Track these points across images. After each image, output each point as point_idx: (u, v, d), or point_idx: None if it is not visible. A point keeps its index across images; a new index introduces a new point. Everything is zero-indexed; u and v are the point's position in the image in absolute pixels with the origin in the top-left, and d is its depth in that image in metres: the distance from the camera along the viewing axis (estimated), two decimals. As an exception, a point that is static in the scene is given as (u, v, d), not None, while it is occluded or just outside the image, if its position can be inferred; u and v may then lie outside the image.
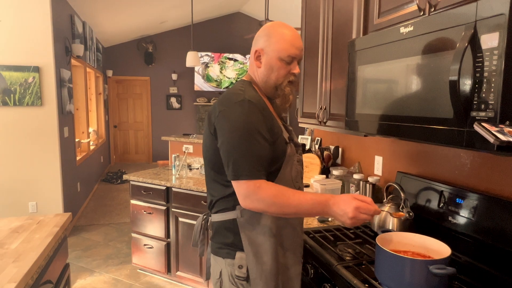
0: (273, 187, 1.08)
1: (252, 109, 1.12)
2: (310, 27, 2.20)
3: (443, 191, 1.47)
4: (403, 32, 1.20)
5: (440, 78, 1.05)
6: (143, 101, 8.34)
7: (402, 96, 1.22)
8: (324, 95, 2.01)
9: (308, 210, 1.07)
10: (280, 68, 1.22)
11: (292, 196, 1.07)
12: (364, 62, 1.44)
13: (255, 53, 1.24)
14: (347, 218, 1.02)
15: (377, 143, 2.05)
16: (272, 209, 1.08)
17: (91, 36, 5.85)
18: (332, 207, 1.05)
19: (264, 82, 1.25)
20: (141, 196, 2.92)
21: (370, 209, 1.03)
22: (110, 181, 6.58)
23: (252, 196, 1.08)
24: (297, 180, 1.27)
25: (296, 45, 1.22)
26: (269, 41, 1.22)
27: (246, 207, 1.10)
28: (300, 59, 1.25)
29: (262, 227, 1.18)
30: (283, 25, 1.25)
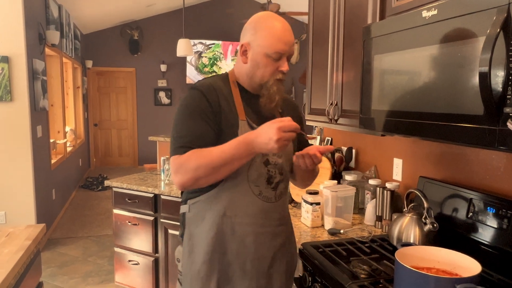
0: (192, 152, 1.20)
1: (195, 94, 1.26)
2: (318, 10, 2.20)
3: (472, 198, 1.47)
4: (425, 16, 1.20)
5: (468, 69, 1.05)
6: (127, 95, 8.36)
7: (424, 90, 1.22)
8: (335, 89, 2.01)
9: (234, 154, 1.17)
10: (266, 65, 1.27)
11: (214, 149, 1.18)
12: (381, 50, 1.44)
13: (241, 48, 1.31)
14: (273, 142, 1.11)
15: (396, 144, 2.05)
16: (201, 172, 1.18)
17: (68, 21, 5.87)
18: (256, 140, 1.14)
19: (249, 78, 1.32)
20: (125, 204, 2.93)
21: (291, 125, 1.12)
22: (89, 188, 6.59)
23: (179, 170, 1.20)
24: (258, 184, 1.30)
25: (284, 40, 1.25)
26: (256, 35, 1.27)
27: (178, 184, 1.22)
28: (289, 55, 1.29)
29: (204, 226, 1.30)
30: (272, 17, 1.29)
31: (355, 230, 1.82)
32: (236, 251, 1.31)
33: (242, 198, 1.30)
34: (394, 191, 1.84)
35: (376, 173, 2.20)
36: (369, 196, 2.01)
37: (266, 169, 1.32)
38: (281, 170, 1.36)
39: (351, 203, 1.89)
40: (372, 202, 1.93)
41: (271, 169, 1.33)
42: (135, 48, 8.04)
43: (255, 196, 1.31)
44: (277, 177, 1.35)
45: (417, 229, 1.49)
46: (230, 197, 1.30)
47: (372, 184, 1.99)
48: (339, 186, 1.97)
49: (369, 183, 2.01)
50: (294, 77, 8.91)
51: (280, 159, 1.35)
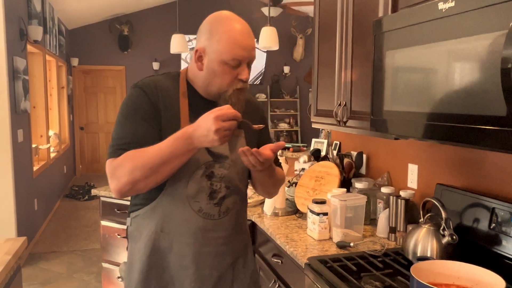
0: (127, 154, 1.19)
1: (135, 93, 1.27)
2: (325, 3, 2.21)
3: (495, 208, 1.46)
4: (442, 9, 1.20)
5: (489, 66, 1.05)
6: (116, 96, 8.38)
7: (442, 89, 1.22)
8: (344, 88, 2.01)
9: (173, 151, 1.16)
10: (224, 72, 1.25)
11: (151, 148, 1.18)
12: (394, 46, 1.44)
13: (195, 53, 1.28)
14: (212, 133, 1.10)
15: (410, 148, 2.05)
16: (137, 174, 1.17)
17: (52, 15, 5.90)
18: (194, 133, 1.14)
19: (206, 86, 1.30)
20: (115, 216, 2.92)
21: (229, 113, 1.11)
22: (75, 197, 6.59)
23: (114, 175, 1.20)
24: (198, 199, 1.29)
25: (243, 44, 1.23)
26: (211, 40, 1.25)
27: (115, 190, 1.20)
28: (250, 61, 1.27)
29: (141, 242, 1.32)
30: (228, 18, 1.27)
31: (367, 243, 1.82)
32: (175, 269, 1.32)
33: (179, 215, 1.30)
34: (409, 199, 1.84)
35: (389, 180, 2.20)
36: (381, 205, 2.00)
37: (209, 182, 1.30)
38: (228, 184, 1.34)
39: (361, 213, 1.89)
40: (385, 212, 1.93)
41: (215, 182, 1.31)
42: (125, 45, 8.07)
43: (194, 212, 1.30)
44: (222, 191, 1.33)
45: (435, 242, 1.49)
46: (167, 212, 1.30)
47: (385, 193, 1.99)
48: (348, 194, 1.97)
49: (382, 191, 2.01)
50: (299, 75, 8.94)
51: (227, 171, 1.33)
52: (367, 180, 2.21)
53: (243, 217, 1.46)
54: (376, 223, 2.00)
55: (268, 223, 2.12)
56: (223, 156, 1.32)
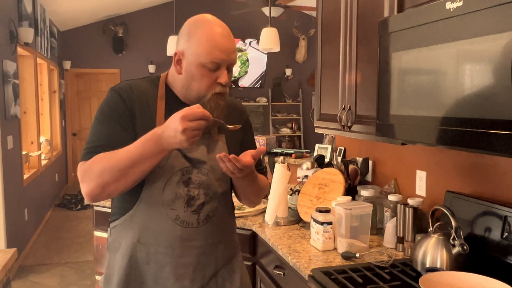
0: (97, 156, 1.21)
1: (111, 96, 1.30)
2: (328, 3, 2.22)
3: (507, 216, 1.46)
4: (449, 8, 1.21)
5: (501, 67, 1.06)
6: (111, 100, 8.40)
7: (451, 92, 1.23)
8: (348, 91, 2.01)
9: (142, 152, 1.17)
10: (202, 76, 1.26)
11: (120, 150, 1.19)
12: (400, 47, 1.45)
13: (174, 56, 1.30)
14: (179, 134, 1.10)
15: (419, 154, 2.05)
16: (106, 177, 1.18)
17: (43, 17, 5.93)
18: (163, 134, 1.14)
19: (185, 89, 1.31)
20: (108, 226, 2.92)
21: (197, 112, 1.11)
22: (67, 207, 6.59)
23: (84, 178, 1.22)
24: (175, 207, 1.30)
25: (222, 47, 1.24)
26: (189, 43, 1.27)
27: (85, 194, 1.22)
28: (230, 65, 1.28)
29: (119, 253, 1.34)
30: (207, 20, 1.28)
31: (373, 253, 1.81)
32: (154, 282, 1.32)
33: (156, 223, 1.30)
34: (418, 208, 1.83)
35: (397, 188, 2.20)
36: (388, 214, 2.00)
37: (186, 189, 1.31)
38: (207, 190, 1.34)
39: (368, 222, 1.89)
40: (392, 221, 1.92)
41: (193, 189, 1.32)
42: (119, 47, 8.10)
43: (171, 220, 1.30)
44: (200, 198, 1.33)
45: (445, 252, 1.48)
46: (144, 221, 1.31)
47: (392, 200, 1.99)
48: (354, 203, 1.97)
49: (389, 199, 2.00)
50: (301, 78, 8.95)
51: (205, 177, 1.33)
52: (373, 187, 2.21)
53: (229, 226, 1.45)
54: (383, 233, 2.00)
55: (269, 233, 2.12)
56: (201, 161, 1.33)
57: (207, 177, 1.34)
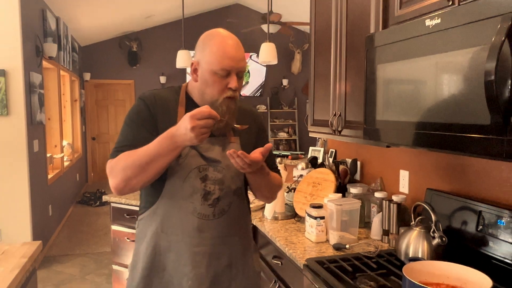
0: (123, 154, 1.25)
1: (137, 103, 1.35)
2: (320, 19, 2.23)
3: (481, 211, 1.46)
4: (429, 25, 1.21)
5: (473, 78, 1.06)
6: (126, 108, 8.40)
7: (430, 99, 1.23)
8: (339, 99, 2.02)
9: (158, 149, 1.20)
10: (214, 82, 1.29)
11: (140, 149, 1.23)
12: (385, 60, 1.45)
13: (191, 66, 1.34)
14: (189, 131, 1.12)
15: (402, 155, 2.05)
16: (129, 172, 1.22)
17: (65, 33, 5.94)
18: (176, 133, 1.17)
19: (201, 95, 1.34)
20: (124, 220, 2.92)
21: (203, 111, 1.13)
22: (87, 203, 6.58)
23: (111, 173, 1.26)
24: (193, 201, 1.31)
25: (230, 55, 1.27)
26: (203, 53, 1.30)
27: (112, 188, 1.27)
28: (239, 71, 1.29)
29: (145, 243, 1.36)
30: (219, 33, 1.31)
31: (361, 244, 1.81)
32: (174, 269, 1.34)
33: (176, 215, 1.33)
34: (401, 204, 1.83)
35: (382, 186, 2.20)
36: (375, 209, 2.00)
37: (203, 184, 1.32)
38: (222, 186, 1.35)
39: (356, 217, 1.88)
40: (378, 215, 1.92)
41: (209, 184, 1.33)
42: (133, 60, 8.11)
43: (190, 213, 1.32)
44: (215, 193, 1.34)
45: (425, 243, 1.48)
46: (166, 213, 1.33)
47: (378, 197, 1.99)
48: (344, 199, 1.97)
49: (375, 196, 2.01)
50: (297, 88, 8.96)
51: (221, 174, 1.34)
52: (361, 185, 2.21)
53: (243, 220, 1.45)
54: (370, 226, 2.00)
55: (268, 227, 2.12)
56: (216, 160, 1.34)
57: (222, 174, 1.35)
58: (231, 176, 1.37)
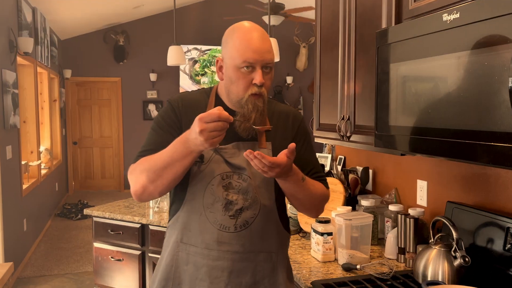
0: (141, 160, 1.33)
1: (165, 107, 1.43)
2: (327, 13, 2.23)
3: (510, 227, 1.45)
4: (446, 20, 1.21)
5: (498, 80, 1.05)
6: (112, 109, 8.43)
7: (450, 104, 1.23)
8: (347, 101, 2.02)
9: (173, 154, 1.24)
10: (238, 78, 1.31)
11: (156, 155, 1.29)
12: (398, 58, 1.45)
13: (217, 63, 1.39)
14: (198, 135, 1.15)
15: (419, 164, 2.04)
16: (145, 177, 1.28)
17: (43, 26, 5.96)
18: (189, 136, 1.20)
19: (228, 95, 1.38)
20: (108, 237, 2.92)
21: (212, 113, 1.14)
22: (67, 216, 6.58)
23: (131, 178, 1.33)
24: (213, 210, 1.34)
25: (253, 47, 1.28)
26: (226, 48, 1.34)
27: (132, 193, 1.34)
28: (265, 65, 1.29)
29: (165, 252, 1.44)
30: (243, 25, 1.33)
31: (374, 265, 1.80)
32: (191, 282, 1.37)
33: (196, 225, 1.36)
34: (419, 218, 1.83)
35: (397, 198, 2.19)
36: (389, 224, 1.99)
37: (225, 193, 1.34)
38: (246, 196, 1.35)
39: (368, 233, 1.88)
40: (393, 231, 1.92)
41: (232, 194, 1.34)
42: (120, 55, 8.13)
43: (210, 223, 1.35)
44: (238, 203, 1.34)
45: (446, 264, 1.47)
46: (186, 222, 1.38)
47: (393, 211, 1.98)
48: (354, 213, 1.96)
49: (389, 209, 2.00)
50: (302, 86, 8.97)
51: (245, 183, 1.35)
52: (374, 197, 2.21)
53: (273, 235, 1.42)
54: (384, 243, 1.99)
55: (269, 244, 2.11)
56: (241, 167, 1.35)
57: (247, 183, 1.35)
58: (258, 185, 1.37)
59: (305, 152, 1.46)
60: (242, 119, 1.31)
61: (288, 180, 1.29)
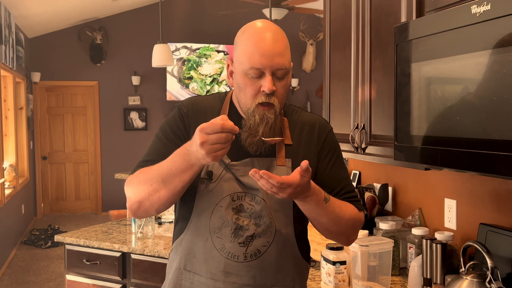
0: (139, 171, 1.36)
1: (174, 113, 1.46)
2: (337, 4, 2.25)
3: (552, 254, 1.45)
4: (476, 13, 1.22)
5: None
6: (87, 118, 8.44)
7: (484, 109, 1.23)
8: (362, 107, 2.02)
9: (171, 167, 1.26)
10: (246, 85, 1.33)
11: (154, 166, 1.31)
12: (421, 57, 1.46)
13: (227, 68, 1.42)
14: (198, 147, 1.15)
15: (447, 179, 2.04)
16: (141, 191, 1.31)
17: (7, 22, 6.00)
18: (190, 148, 1.21)
19: (238, 102, 1.41)
20: (83, 267, 2.90)
21: (214, 124, 1.14)
22: (35, 244, 6.55)
23: (126, 191, 1.36)
24: (221, 236, 1.34)
25: (262, 50, 1.28)
26: (236, 51, 1.37)
27: (128, 208, 1.36)
28: (275, 69, 1.29)
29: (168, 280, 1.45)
30: (253, 25, 1.35)
31: (395, 299, 1.80)
32: None
33: (201, 251, 1.37)
34: (447, 243, 1.83)
35: (422, 220, 2.19)
36: (413, 251, 1.99)
37: (235, 217, 1.34)
38: (259, 221, 1.34)
39: (388, 261, 1.88)
40: (417, 259, 1.91)
41: (243, 218, 1.34)
42: (97, 55, 8.17)
43: (216, 250, 1.35)
44: (249, 229, 1.34)
45: (479, 297, 1.47)
46: (191, 247, 1.39)
47: (417, 235, 1.98)
48: (371, 238, 1.96)
49: (413, 233, 2.00)
50: (310, 89, 9.00)
51: (258, 206, 1.34)
52: (394, 219, 2.20)
53: (290, 268, 1.41)
54: (406, 274, 1.99)
55: (272, 275, 2.10)
56: (254, 188, 1.34)
57: (261, 206, 1.35)
58: (275, 209, 1.36)
59: (332, 168, 1.44)
60: (248, 132, 1.31)
61: (307, 201, 1.27)
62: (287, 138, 1.39)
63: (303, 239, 1.46)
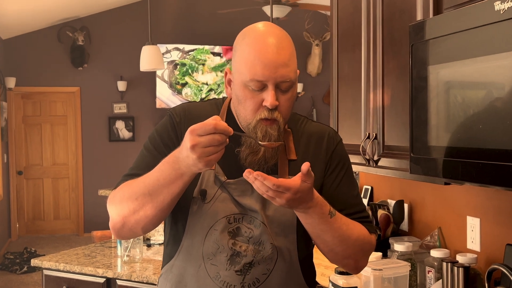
0: (123, 184, 1.35)
1: (164, 121, 1.45)
2: (345, 2, 2.26)
3: None
4: (499, 10, 1.22)
5: None
6: (68, 127, 8.44)
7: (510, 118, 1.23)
8: (373, 115, 2.03)
9: (159, 177, 1.24)
10: (246, 98, 1.31)
11: (139, 178, 1.30)
12: (439, 59, 1.47)
13: (225, 76, 1.41)
14: (189, 152, 1.13)
15: (470, 195, 2.04)
16: (125, 206, 1.30)
17: (-19, 22, 6.01)
18: (179, 155, 1.19)
19: (237, 117, 1.39)
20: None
21: (206, 124, 1.13)
22: (9, 269, 6.53)
23: (109, 208, 1.36)
24: (216, 263, 1.33)
25: (265, 60, 1.26)
26: (234, 58, 1.35)
27: (111, 227, 1.36)
28: (278, 82, 1.27)
29: None
30: (255, 29, 1.33)
31: (413, 329, 1.79)
32: None
33: (194, 279, 1.36)
34: (470, 267, 1.83)
35: (442, 240, 2.19)
36: (432, 275, 1.98)
37: (231, 241, 1.32)
38: (258, 247, 1.34)
39: (404, 286, 1.87)
40: (437, 284, 1.91)
41: (240, 243, 1.33)
42: (79, 58, 8.18)
43: (210, 278, 1.33)
44: (247, 256, 1.33)
45: (507, 328, 1.47)
46: (182, 274, 1.38)
47: (436, 257, 1.98)
48: (385, 261, 1.96)
49: (432, 256, 2.00)
50: (316, 95, 9.02)
51: (258, 230, 1.33)
52: (411, 239, 2.20)
53: None
54: (425, 301, 1.98)
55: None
56: (253, 209, 1.34)
57: (260, 230, 1.34)
58: (276, 233, 1.35)
59: (340, 184, 1.43)
60: (248, 151, 1.30)
61: (310, 213, 1.25)
62: (292, 152, 1.38)
63: (308, 264, 1.45)
